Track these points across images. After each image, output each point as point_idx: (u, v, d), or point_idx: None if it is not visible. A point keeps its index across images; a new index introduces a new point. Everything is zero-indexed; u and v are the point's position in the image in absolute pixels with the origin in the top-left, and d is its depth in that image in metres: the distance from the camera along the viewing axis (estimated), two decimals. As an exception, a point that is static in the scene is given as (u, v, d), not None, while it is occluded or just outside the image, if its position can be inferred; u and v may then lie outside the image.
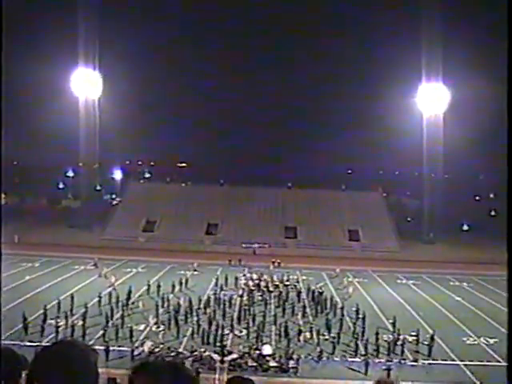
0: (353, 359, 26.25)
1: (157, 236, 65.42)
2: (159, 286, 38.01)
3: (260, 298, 36.90)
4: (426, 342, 27.88)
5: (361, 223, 67.60)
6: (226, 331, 29.07)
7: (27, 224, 65.69)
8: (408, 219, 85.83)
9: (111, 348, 25.03)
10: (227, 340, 27.99)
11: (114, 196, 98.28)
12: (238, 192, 73.03)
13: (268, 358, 25.23)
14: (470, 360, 26.86)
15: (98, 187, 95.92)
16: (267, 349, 26.19)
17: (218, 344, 26.67)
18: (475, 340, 30.56)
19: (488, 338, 30.39)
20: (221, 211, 68.66)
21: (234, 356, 25.18)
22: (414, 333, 29.14)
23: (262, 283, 40.85)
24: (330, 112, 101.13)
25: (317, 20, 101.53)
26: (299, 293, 38.88)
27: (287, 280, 42.82)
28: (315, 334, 28.97)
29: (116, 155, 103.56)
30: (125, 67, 79.44)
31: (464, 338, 30.87)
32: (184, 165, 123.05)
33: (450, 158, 71.68)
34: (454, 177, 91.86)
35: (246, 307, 33.75)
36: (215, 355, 24.99)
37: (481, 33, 74.93)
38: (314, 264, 52.86)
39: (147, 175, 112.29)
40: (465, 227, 79.10)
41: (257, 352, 25.75)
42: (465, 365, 26.23)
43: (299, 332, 28.97)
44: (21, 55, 74.58)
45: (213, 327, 29.21)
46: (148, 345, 25.99)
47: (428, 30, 64.98)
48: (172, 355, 24.91)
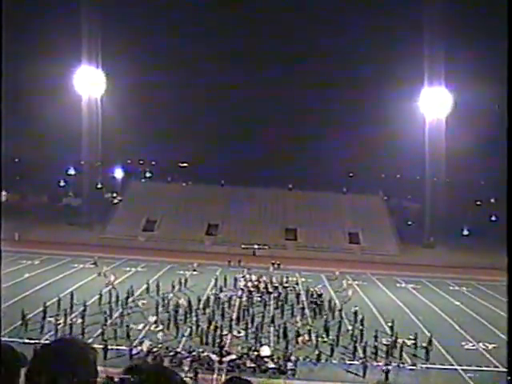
0: (351, 362, 26.24)
1: (157, 235, 65.41)
2: (158, 286, 38.09)
3: (259, 300, 36.90)
4: (424, 346, 27.82)
5: (361, 226, 67.55)
6: (225, 332, 29.04)
7: (28, 221, 65.69)
8: (408, 223, 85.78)
9: (110, 347, 25.04)
10: (226, 341, 27.93)
11: (115, 195, 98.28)
12: (239, 193, 72.99)
13: (266, 360, 25.20)
14: (469, 365, 26.82)
15: (99, 186, 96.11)
16: (266, 350, 26.16)
17: (217, 344, 26.66)
18: (474, 345, 30.52)
19: (487, 344, 30.36)
20: (221, 212, 68.64)
21: (233, 357, 25.15)
22: (412, 337, 29.11)
23: (261, 284, 40.81)
24: (332, 115, 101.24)
25: (320, 22, 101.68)
26: (298, 295, 38.87)
27: (286, 282, 42.75)
28: (314, 337, 28.92)
29: (117, 154, 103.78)
30: (128, 66, 79.62)
31: (463, 343, 30.84)
32: (185, 165, 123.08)
33: (452, 163, 71.69)
34: (455, 181, 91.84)
35: (245, 308, 33.74)
36: (214, 356, 24.96)
37: (483, 36, 74.91)
38: (314, 266, 52.83)
39: (148, 174, 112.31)
40: (465, 232, 79.01)
41: (255, 353, 25.73)
42: (463, 369, 26.19)
43: (297, 334, 28.96)
44: (24, 53, 74.79)
45: (211, 328, 29.17)
46: (146, 344, 25.94)
47: (431, 34, 65.06)
48: (170, 355, 24.89)
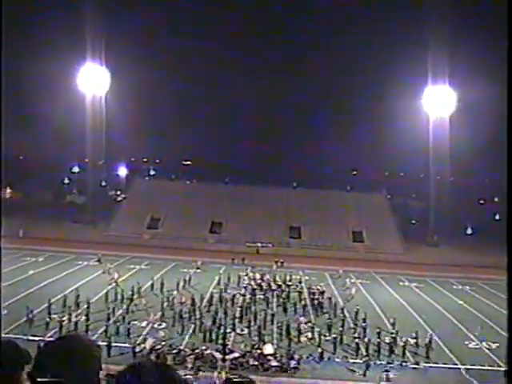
0: (354, 360, 26.25)
1: (161, 233, 65.49)
2: (163, 284, 38.21)
3: (262, 298, 36.94)
4: (424, 345, 27.79)
5: (365, 225, 67.46)
6: (228, 330, 29.08)
7: (32, 219, 65.84)
8: (412, 221, 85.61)
9: (113, 344, 25.12)
10: (229, 338, 27.99)
11: (119, 192, 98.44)
12: (243, 191, 72.95)
13: (269, 358, 25.23)
14: (472, 364, 26.79)
15: (104, 183, 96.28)
16: (268, 348, 26.19)
17: (220, 342, 26.71)
18: (477, 344, 30.49)
19: (490, 343, 30.30)
20: (225, 210, 68.61)
21: (236, 355, 25.18)
22: (414, 335, 29.07)
23: (265, 283, 40.84)
24: (337, 113, 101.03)
25: (323, 20, 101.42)
26: (300, 292, 38.87)
27: (290, 280, 42.72)
28: (316, 335, 28.94)
29: (121, 152, 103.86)
30: (132, 64, 79.62)
31: (466, 342, 30.80)
32: (189, 163, 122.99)
33: (456, 161, 71.43)
34: (460, 180, 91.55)
35: (248, 306, 33.79)
36: (217, 353, 24.99)
37: (487, 34, 74.53)
38: (318, 264, 52.80)
39: (152, 172, 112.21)
40: (469, 231, 78.77)
41: (258, 351, 25.76)
42: (466, 369, 26.16)
43: (300, 332, 28.97)
44: (28, 50, 74.94)
45: (215, 325, 29.24)
46: (150, 342, 25.98)
47: (435, 32, 64.72)
48: (174, 352, 24.94)
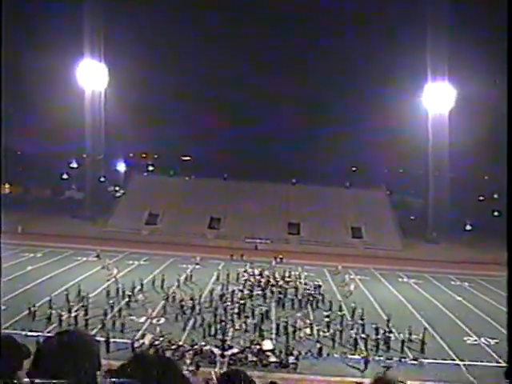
0: (352, 356, 26.31)
1: (159, 229, 65.51)
2: (163, 280, 38.23)
3: (261, 293, 36.99)
4: (419, 340, 27.83)
5: (364, 221, 67.54)
6: (227, 325, 29.10)
7: (31, 214, 65.86)
8: (411, 218, 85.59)
9: (112, 340, 25.13)
10: (228, 334, 28.01)
11: (118, 188, 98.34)
12: (242, 187, 72.99)
13: (268, 354, 25.25)
14: (471, 360, 26.85)
15: (102, 179, 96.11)
16: (267, 344, 26.22)
17: (219, 338, 26.73)
18: (476, 340, 30.56)
19: (489, 339, 30.38)
20: (224, 206, 68.62)
21: (235, 350, 25.21)
22: (411, 331, 29.07)
23: (264, 279, 40.86)
24: (336, 109, 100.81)
25: (322, 18, 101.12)
26: (298, 289, 38.85)
27: (289, 276, 42.75)
28: (315, 331, 28.97)
29: (120, 147, 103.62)
30: (131, 59, 79.36)
31: (464, 338, 30.88)
32: (188, 158, 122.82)
33: (455, 158, 71.44)
34: (459, 176, 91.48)
35: (247, 302, 33.82)
36: (216, 349, 25.02)
37: (487, 31, 74.43)
38: (316, 260, 52.86)
39: (151, 168, 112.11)
40: (468, 227, 78.76)
41: (257, 347, 25.78)
42: (464, 365, 26.22)
43: (298, 328, 29.01)
44: (27, 45, 74.66)
45: (214, 321, 29.27)
46: (148, 337, 26.02)
47: (434, 29, 64.68)
48: (172, 348, 24.95)
